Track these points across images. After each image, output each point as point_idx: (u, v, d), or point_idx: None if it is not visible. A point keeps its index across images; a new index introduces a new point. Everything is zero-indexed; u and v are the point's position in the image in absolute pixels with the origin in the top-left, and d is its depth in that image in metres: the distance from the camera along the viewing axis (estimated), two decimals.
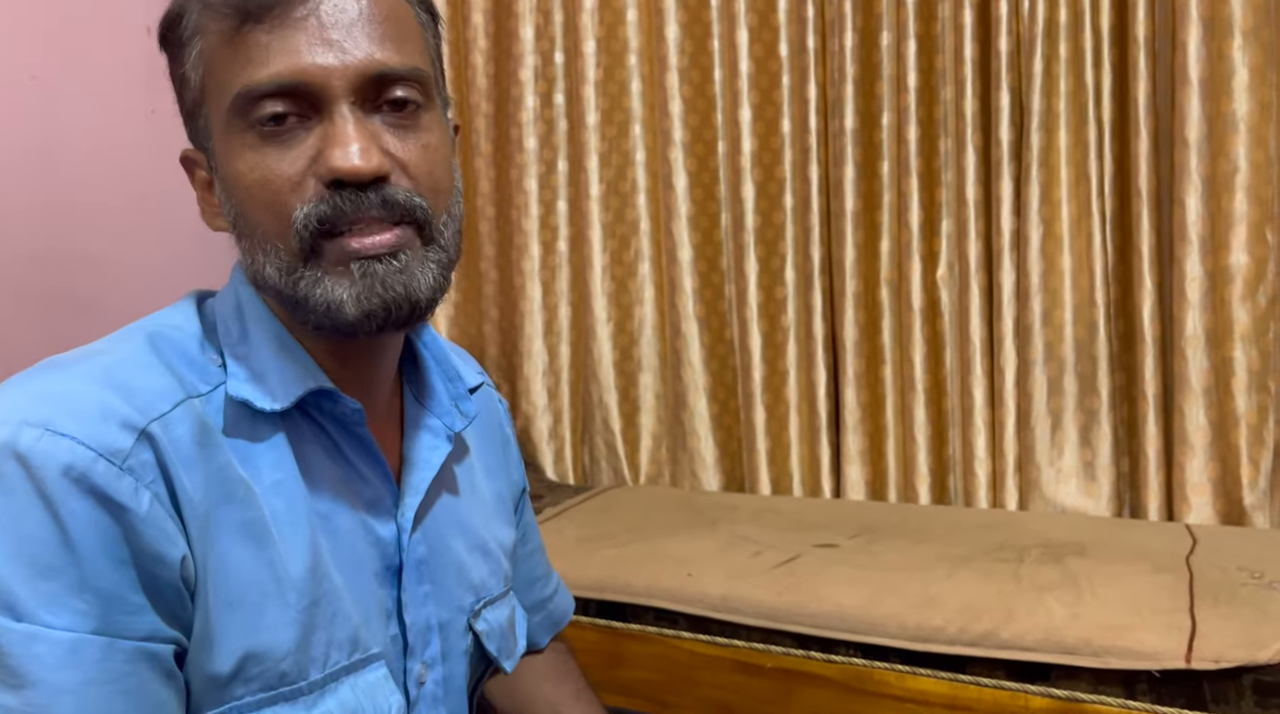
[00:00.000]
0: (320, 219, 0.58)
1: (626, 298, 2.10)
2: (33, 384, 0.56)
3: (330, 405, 0.64)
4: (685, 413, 2.02)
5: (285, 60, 0.57)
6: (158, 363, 0.59)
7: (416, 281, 0.60)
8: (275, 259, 0.60)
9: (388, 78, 0.59)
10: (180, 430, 0.56)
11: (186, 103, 0.64)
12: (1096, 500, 1.69)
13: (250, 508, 0.59)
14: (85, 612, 0.51)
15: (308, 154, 0.58)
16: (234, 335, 0.64)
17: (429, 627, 0.69)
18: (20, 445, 0.51)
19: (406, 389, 0.73)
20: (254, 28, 0.57)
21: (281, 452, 0.62)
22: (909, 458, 1.83)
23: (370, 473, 0.66)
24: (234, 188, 0.61)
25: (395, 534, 0.67)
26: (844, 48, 1.83)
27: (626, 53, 2.06)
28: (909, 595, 1.27)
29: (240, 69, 0.58)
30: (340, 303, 0.58)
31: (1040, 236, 1.70)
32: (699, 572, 1.40)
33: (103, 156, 1.83)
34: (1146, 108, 1.60)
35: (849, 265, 1.86)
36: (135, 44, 1.92)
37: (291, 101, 0.58)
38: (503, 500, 0.83)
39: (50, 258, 1.73)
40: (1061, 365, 1.71)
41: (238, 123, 0.59)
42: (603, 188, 2.07)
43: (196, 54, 0.61)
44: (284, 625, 0.58)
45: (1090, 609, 1.19)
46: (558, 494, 1.94)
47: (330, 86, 0.58)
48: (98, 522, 0.51)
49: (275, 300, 0.63)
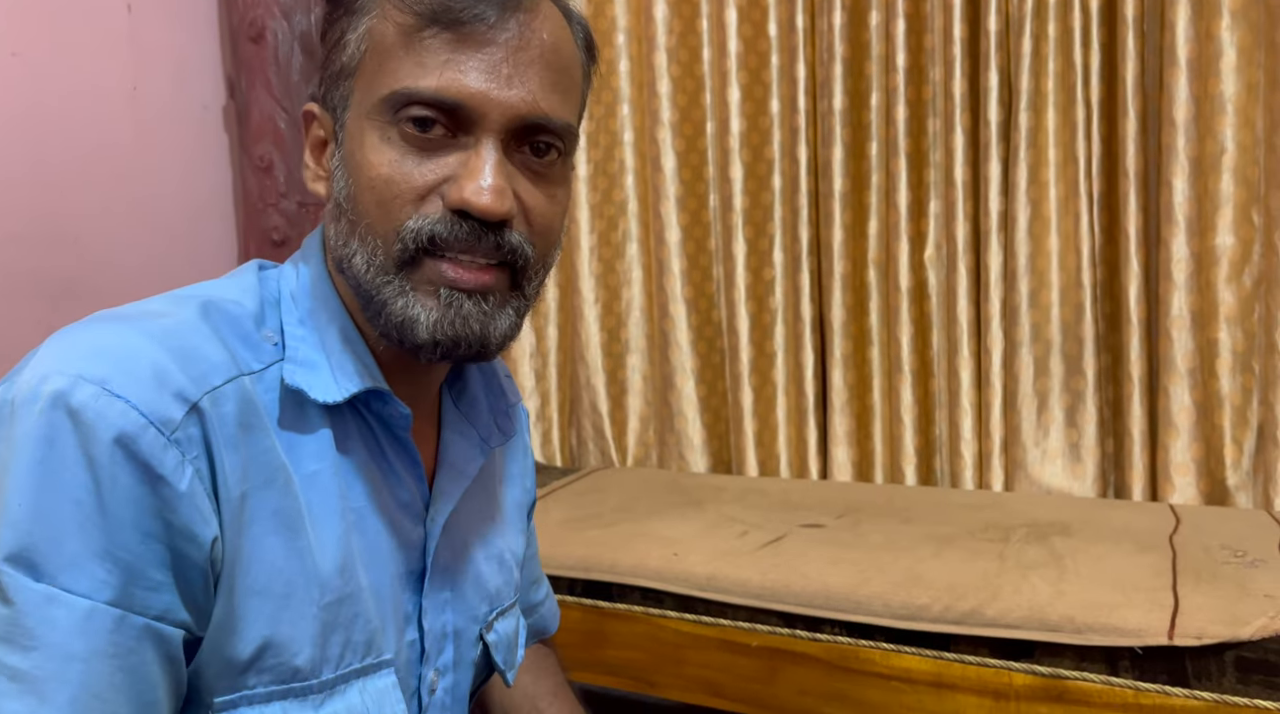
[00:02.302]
0: (433, 238, 0.58)
1: (614, 279, 2.10)
2: (91, 335, 0.54)
3: (380, 406, 0.63)
4: (673, 394, 2.02)
5: (455, 77, 0.57)
6: (212, 334, 0.58)
7: (494, 326, 0.60)
8: (369, 255, 0.59)
9: (542, 127, 0.60)
10: (228, 407, 0.55)
11: (334, 64, 0.62)
12: (1081, 481, 1.69)
13: (287, 496, 0.58)
14: (105, 580, 0.50)
15: (442, 171, 0.58)
16: (297, 314, 0.63)
17: (445, 634, 0.69)
18: (74, 400, 0.50)
19: (447, 393, 0.72)
20: (437, 34, 0.57)
21: (324, 444, 0.61)
22: (895, 439, 1.84)
23: (407, 475, 0.66)
24: (357, 171, 0.60)
25: (422, 539, 0.67)
26: (833, 26, 1.82)
27: (614, 31, 2.04)
28: (894, 575, 1.28)
29: (408, 69, 0.58)
30: (415, 321, 0.59)
31: (1028, 218, 1.70)
32: (685, 551, 1.40)
33: (84, 134, 1.81)
34: (1134, 88, 1.60)
35: (837, 247, 1.85)
36: (118, 21, 1.90)
37: (445, 116, 0.58)
38: (519, 509, 0.83)
39: (31, 237, 1.71)
40: (1048, 346, 1.71)
41: (385, 115, 0.59)
42: (590, 168, 2.06)
43: (366, 30, 0.60)
44: (306, 620, 0.58)
45: (1074, 587, 1.19)
46: (545, 476, 1.93)
47: (487, 118, 0.58)
48: (135, 491, 0.51)
49: (351, 288, 0.62)
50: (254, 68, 2.01)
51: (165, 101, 1.97)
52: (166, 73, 1.97)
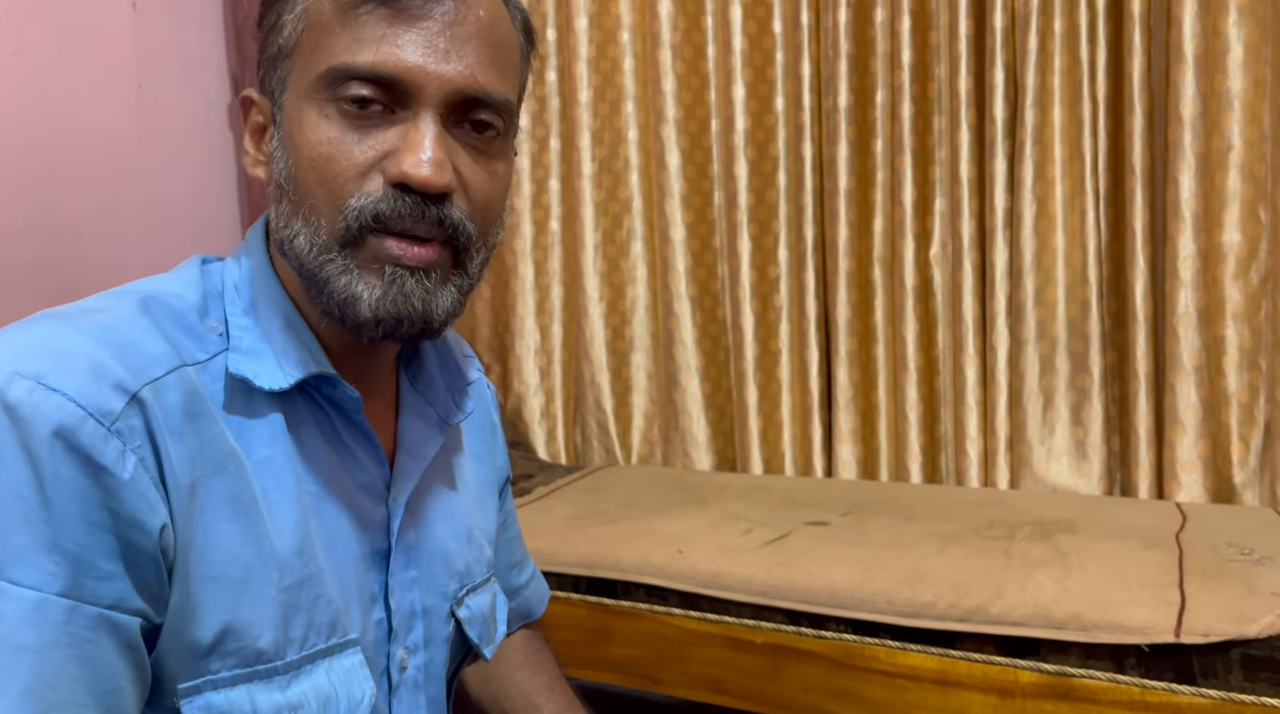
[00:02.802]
0: (376, 216, 0.58)
1: (619, 277, 2.09)
2: (27, 333, 0.54)
3: (329, 389, 0.63)
4: (677, 392, 2.01)
5: (391, 51, 0.57)
6: (151, 326, 0.58)
7: (436, 302, 0.60)
8: (312, 234, 0.59)
9: (480, 101, 0.60)
10: (171, 397, 0.56)
11: (271, 49, 0.62)
12: (1087, 479, 1.69)
13: (240, 482, 0.58)
14: (54, 572, 0.50)
15: (381, 148, 0.58)
16: (241, 304, 0.63)
17: (413, 612, 0.69)
18: (10, 396, 0.50)
19: (403, 373, 0.73)
20: (373, 9, 0.57)
21: (276, 429, 0.61)
22: (901, 436, 1.83)
23: (364, 457, 0.66)
24: (296, 151, 0.60)
25: (385, 519, 0.67)
26: (838, 23, 1.81)
27: (619, 29, 2.04)
28: (899, 572, 1.28)
29: (345, 44, 0.58)
30: (358, 299, 0.59)
31: (1034, 215, 1.70)
32: (689, 549, 1.40)
33: (88, 132, 1.82)
34: (1141, 84, 1.59)
35: (842, 244, 1.85)
36: (122, 19, 1.90)
37: (383, 91, 0.58)
38: (489, 486, 0.83)
39: (32, 232, 1.72)
40: (1054, 344, 1.71)
41: (323, 92, 0.58)
42: (595, 166, 2.06)
43: (303, 10, 0.60)
44: (265, 603, 0.58)
45: (1080, 585, 1.19)
46: (549, 473, 1.93)
47: (425, 91, 0.58)
48: (78, 483, 0.51)
49: (294, 270, 0.62)
50: None
51: (170, 99, 1.97)
52: (171, 70, 1.98)
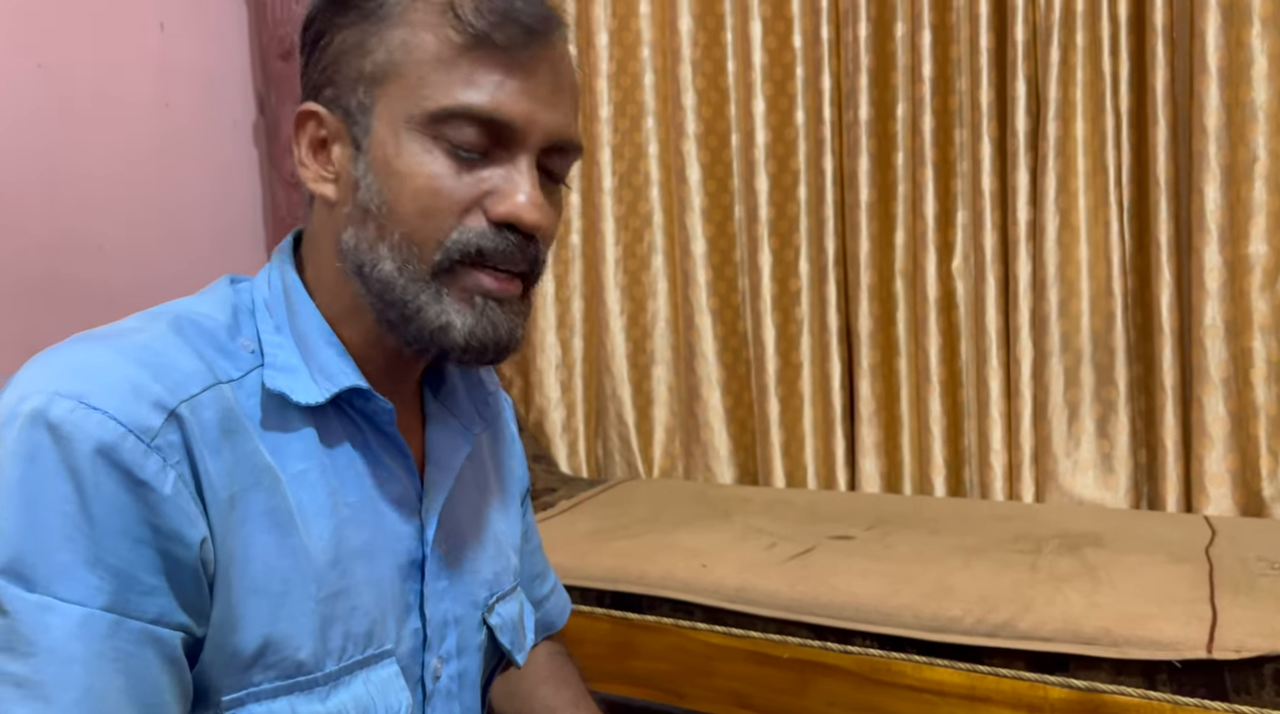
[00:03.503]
0: (479, 250, 0.60)
1: (639, 291, 2.10)
2: (66, 355, 0.56)
3: (363, 403, 0.64)
4: (699, 406, 2.01)
5: (506, 97, 0.60)
6: (185, 346, 0.59)
7: (516, 330, 0.63)
8: (403, 262, 0.60)
9: (566, 149, 0.64)
10: (208, 414, 0.57)
11: (350, 68, 0.62)
12: (1114, 492, 1.67)
13: (275, 495, 0.59)
14: (98, 587, 0.51)
15: (482, 186, 0.61)
16: (273, 321, 0.64)
17: (446, 621, 0.70)
18: (53, 415, 0.52)
19: (425, 386, 0.74)
20: (489, 52, 0.60)
21: (310, 443, 0.62)
22: (924, 450, 1.83)
23: (397, 468, 0.67)
24: (395, 179, 0.60)
25: (418, 529, 0.68)
26: (858, 38, 1.82)
27: (639, 46, 2.06)
28: (925, 586, 1.27)
29: (458, 86, 0.60)
30: (450, 327, 0.61)
31: (1056, 227, 1.69)
32: (714, 563, 1.40)
33: (117, 149, 1.84)
34: (1165, 96, 1.59)
35: (864, 257, 1.85)
36: (150, 39, 1.93)
37: (492, 135, 0.60)
38: (511, 496, 0.84)
39: (61, 248, 1.74)
40: (1078, 356, 1.70)
41: (431, 128, 0.60)
42: (615, 181, 2.07)
43: (401, 40, 0.61)
44: (304, 615, 0.59)
45: (1109, 599, 1.18)
46: (571, 487, 1.94)
47: (530, 136, 0.61)
48: (120, 499, 0.52)
49: (369, 292, 0.62)
50: (283, 84, 2.04)
51: (196, 117, 2.00)
52: (197, 89, 2.00)
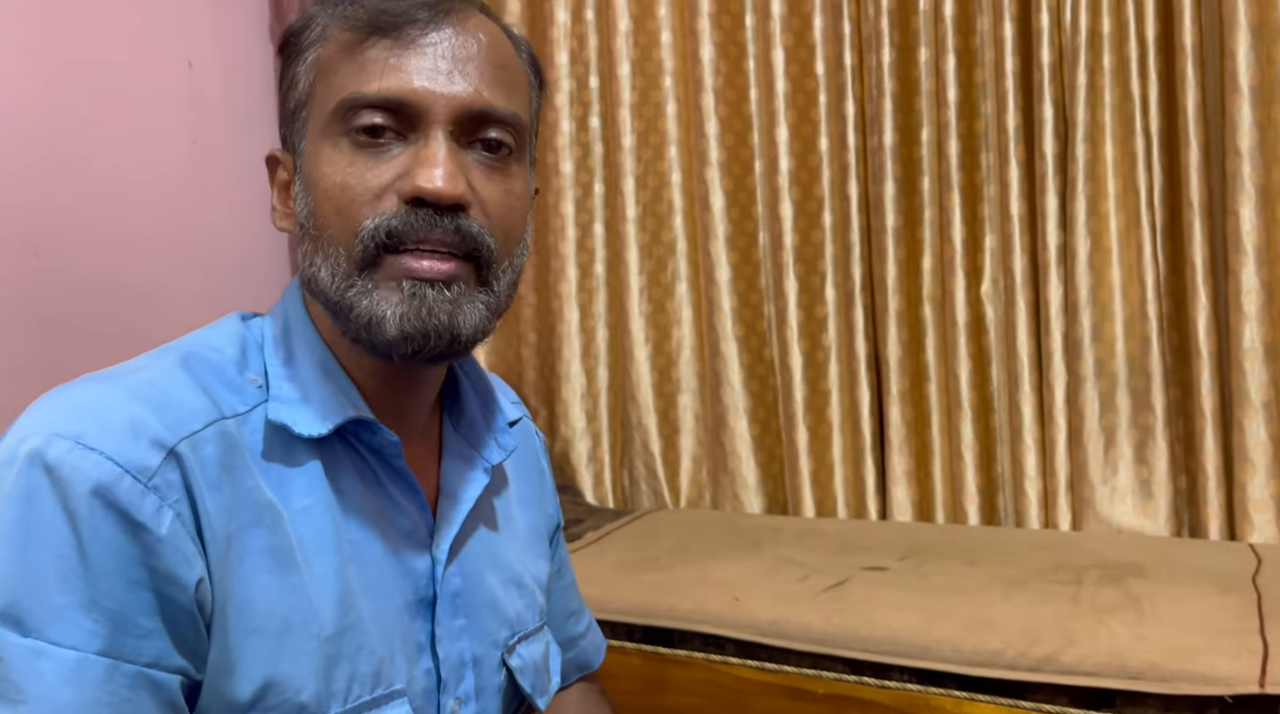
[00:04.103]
0: (389, 232, 0.58)
1: (664, 319, 2.09)
2: (68, 396, 0.56)
3: (368, 435, 0.63)
4: (725, 434, 2.00)
5: (397, 77, 0.59)
6: (191, 382, 0.59)
7: (462, 316, 0.60)
8: (333, 264, 0.60)
9: (488, 116, 0.61)
10: (208, 451, 0.56)
11: (289, 104, 0.64)
12: (1154, 519, 1.64)
13: (277, 533, 0.58)
14: (93, 631, 0.50)
15: (395, 170, 0.59)
16: (280, 355, 0.64)
17: (463, 661, 0.67)
18: (50, 456, 0.52)
19: (446, 417, 0.72)
20: (377, 42, 0.59)
21: (315, 478, 0.61)
22: (956, 477, 1.80)
23: (406, 503, 0.65)
24: (314, 188, 0.61)
25: (430, 566, 0.66)
26: (881, 64, 1.81)
27: (661, 75, 2.06)
28: (963, 618, 1.24)
29: (352, 77, 0.60)
30: (383, 318, 0.58)
31: (1088, 250, 1.67)
32: (745, 595, 1.38)
33: (145, 186, 1.86)
34: (1196, 117, 1.57)
35: (891, 282, 1.83)
36: (178, 77, 1.96)
37: (393, 117, 0.59)
38: (538, 533, 0.82)
39: (101, 291, 1.76)
40: (1113, 381, 1.67)
41: (336, 127, 0.60)
42: (639, 209, 2.07)
43: (313, 59, 0.62)
44: (306, 655, 0.57)
45: (1155, 632, 1.14)
46: (598, 518, 1.92)
47: (433, 111, 0.59)
48: (116, 541, 0.51)
49: (324, 310, 0.63)
50: None
51: (223, 153, 2.02)
52: (224, 125, 2.03)
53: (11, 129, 1.64)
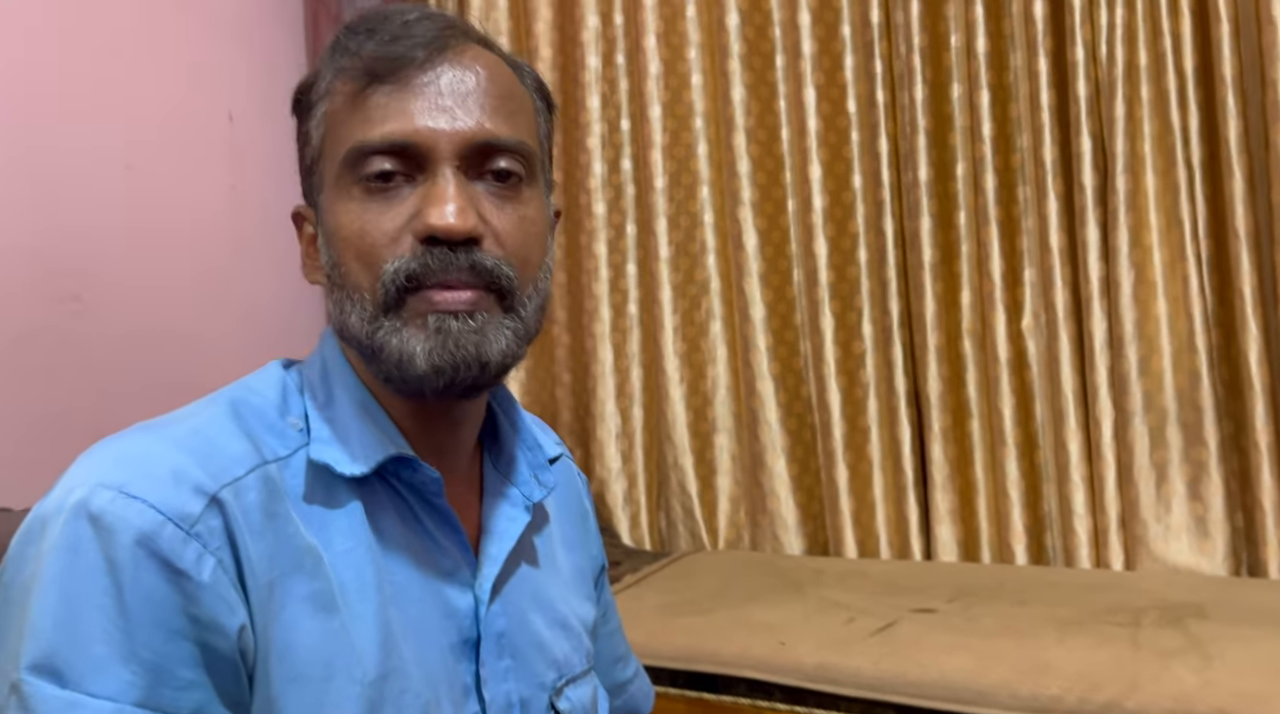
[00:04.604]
0: (409, 275, 0.59)
1: (699, 358, 2.08)
2: (114, 447, 0.57)
3: (409, 474, 0.63)
4: (763, 473, 1.97)
5: (399, 121, 0.59)
6: (237, 429, 0.59)
7: (489, 343, 0.60)
8: (360, 309, 0.60)
9: (494, 147, 0.61)
10: (251, 497, 0.56)
11: (305, 160, 0.65)
12: (1211, 558, 1.59)
13: (318, 577, 0.57)
14: (131, 682, 0.50)
15: (407, 211, 0.60)
16: (320, 398, 0.64)
17: (510, 704, 0.66)
18: (94, 506, 0.52)
19: (486, 457, 0.72)
20: (377, 89, 0.60)
21: (356, 519, 0.61)
22: (1002, 516, 1.76)
23: (448, 542, 0.65)
24: (334, 239, 0.62)
25: (473, 605, 0.65)
26: (914, 100, 1.81)
27: (692, 116, 2.07)
28: (1019, 662, 1.20)
29: (357, 126, 0.60)
30: (412, 355, 0.59)
31: (1131, 282, 1.64)
32: (791, 640, 1.35)
33: (186, 235, 1.89)
34: (1238, 147, 1.55)
35: (930, 318, 1.81)
36: (219, 129, 2.00)
37: (400, 160, 0.60)
38: (583, 575, 0.80)
39: (141, 337, 1.78)
40: (1163, 415, 1.63)
41: (347, 177, 0.61)
42: (672, 249, 2.07)
43: (322, 114, 0.63)
44: (350, 701, 0.56)
45: (1222, 676, 1.10)
46: (635, 560, 1.90)
47: (437, 148, 0.59)
48: (158, 590, 0.51)
49: (357, 354, 0.63)
50: None
51: (261, 202, 2.05)
52: (263, 175, 2.06)
53: (57, 178, 1.68)
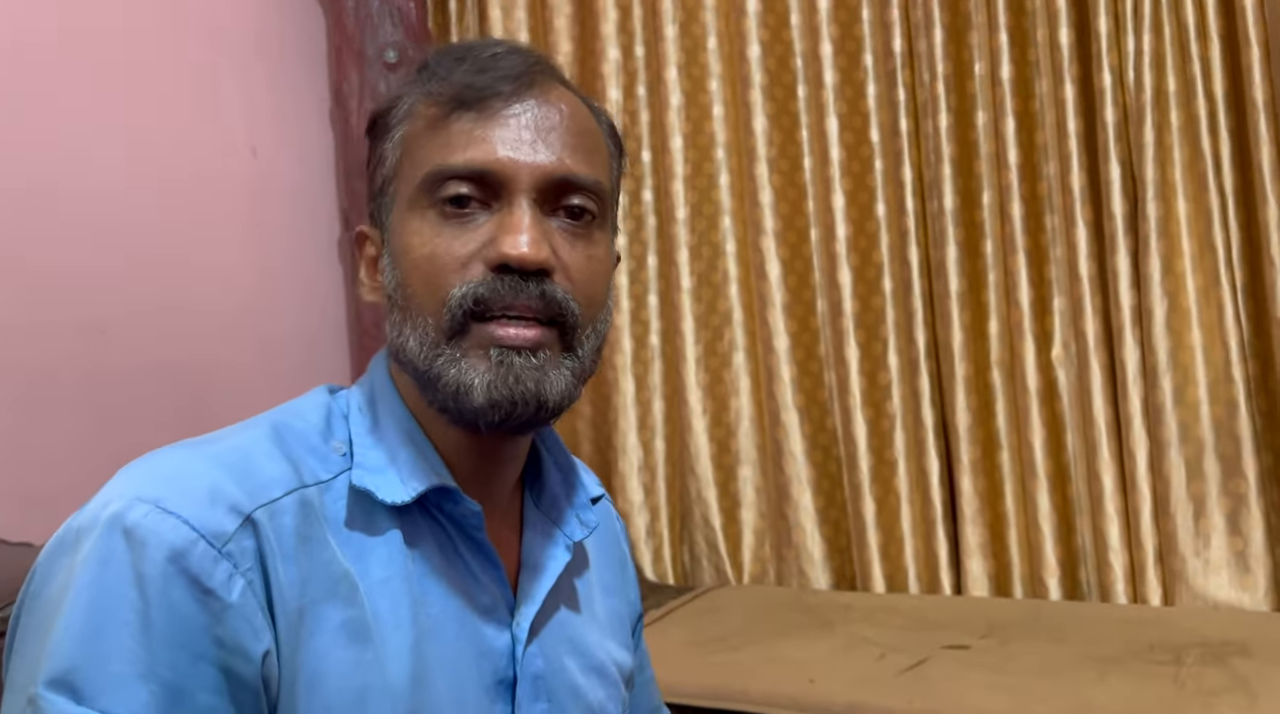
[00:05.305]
0: (476, 299, 0.58)
1: (722, 389, 2.06)
2: (154, 462, 0.57)
3: (450, 505, 0.62)
4: (789, 506, 1.94)
5: (482, 149, 0.60)
6: (277, 451, 0.59)
7: (549, 382, 0.60)
8: (421, 333, 0.60)
9: (571, 184, 0.62)
10: (286, 520, 0.56)
11: (377, 181, 0.66)
12: (1252, 593, 1.55)
13: (353, 606, 0.57)
14: (147, 702, 0.49)
15: (480, 238, 0.60)
16: (365, 424, 0.64)
17: None
18: (129, 520, 0.52)
19: (527, 494, 0.71)
20: (462, 115, 0.61)
21: (394, 548, 0.60)
22: (1034, 550, 1.72)
23: (486, 578, 0.63)
24: (402, 259, 0.62)
25: (509, 644, 0.63)
26: (939, 129, 1.80)
27: (714, 147, 2.07)
28: (1059, 702, 1.17)
29: (438, 150, 0.61)
30: (470, 387, 0.58)
31: (1164, 310, 1.62)
32: (820, 677, 1.32)
33: (211, 269, 1.90)
34: (1272, 173, 1.53)
35: (957, 348, 1.79)
36: (244, 165, 2.01)
37: (478, 187, 0.60)
38: (621, 621, 0.78)
39: (165, 369, 1.78)
40: (1199, 447, 1.59)
41: (423, 199, 0.61)
42: (693, 280, 2.06)
43: (401, 136, 0.63)
44: None
45: None
46: (660, 595, 1.86)
47: (517, 179, 0.60)
48: (185, 608, 0.51)
49: (410, 380, 0.63)
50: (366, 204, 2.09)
51: (285, 236, 2.06)
52: (287, 209, 2.07)
53: (84, 211, 1.69)
